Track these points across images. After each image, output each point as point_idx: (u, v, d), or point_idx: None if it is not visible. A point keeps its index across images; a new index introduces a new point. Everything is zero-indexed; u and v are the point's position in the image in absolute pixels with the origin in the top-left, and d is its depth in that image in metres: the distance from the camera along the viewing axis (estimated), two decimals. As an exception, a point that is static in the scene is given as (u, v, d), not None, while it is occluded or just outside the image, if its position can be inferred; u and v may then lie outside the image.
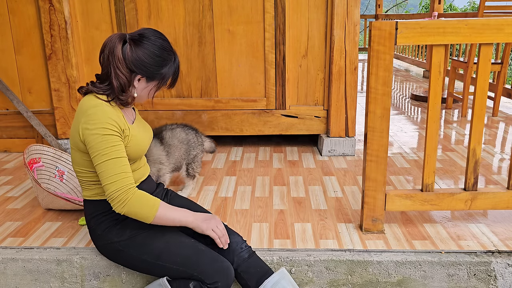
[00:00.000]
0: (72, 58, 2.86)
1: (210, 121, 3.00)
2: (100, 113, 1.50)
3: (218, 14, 2.82)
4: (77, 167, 1.61)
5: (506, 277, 1.75)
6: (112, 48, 1.51)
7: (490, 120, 3.77)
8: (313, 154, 3.00)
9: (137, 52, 1.53)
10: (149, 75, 1.57)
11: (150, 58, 1.54)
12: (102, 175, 1.48)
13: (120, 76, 1.52)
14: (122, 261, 1.65)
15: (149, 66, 1.55)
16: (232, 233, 1.69)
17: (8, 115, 3.04)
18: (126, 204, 1.48)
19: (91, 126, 1.48)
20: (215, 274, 1.52)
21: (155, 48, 1.55)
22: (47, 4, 2.76)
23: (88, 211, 1.65)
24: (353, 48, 2.77)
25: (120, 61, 1.51)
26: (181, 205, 1.80)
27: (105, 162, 1.47)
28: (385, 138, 1.79)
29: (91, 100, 1.55)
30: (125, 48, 1.53)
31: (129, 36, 1.55)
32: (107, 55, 1.52)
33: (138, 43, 1.54)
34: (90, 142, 1.48)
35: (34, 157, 2.25)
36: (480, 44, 1.75)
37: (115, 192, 1.47)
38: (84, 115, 1.51)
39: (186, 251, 1.56)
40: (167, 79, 1.63)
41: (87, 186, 1.63)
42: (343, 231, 1.95)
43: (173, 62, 1.62)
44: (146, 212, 1.50)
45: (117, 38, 1.53)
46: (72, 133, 1.56)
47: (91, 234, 1.67)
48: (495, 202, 1.88)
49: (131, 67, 1.53)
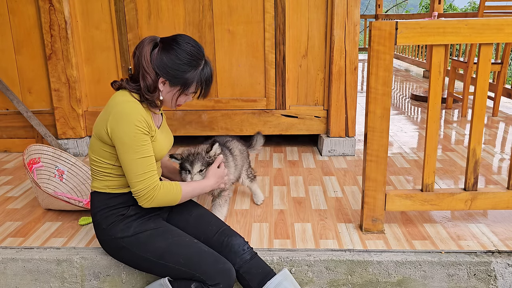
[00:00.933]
0: (72, 58, 2.86)
1: (210, 121, 3.00)
2: (133, 109, 1.54)
3: (218, 14, 2.82)
4: (94, 155, 1.63)
5: (506, 277, 1.75)
6: (141, 49, 1.57)
7: (490, 120, 3.77)
8: (313, 154, 3.00)
9: (163, 55, 1.57)
10: (171, 79, 1.59)
11: (172, 62, 1.57)
12: (131, 172, 1.54)
13: (146, 77, 1.56)
14: (124, 258, 1.66)
15: (170, 70, 1.57)
16: (234, 235, 1.69)
17: (8, 115, 3.04)
18: (153, 200, 1.57)
19: (123, 121, 1.52)
20: (217, 276, 1.52)
21: (180, 52, 1.57)
22: (47, 4, 2.76)
23: (95, 204, 1.66)
24: (353, 48, 2.77)
25: (146, 62, 1.56)
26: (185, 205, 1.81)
27: (136, 160, 1.53)
28: (385, 138, 1.79)
29: (124, 95, 1.59)
30: (154, 51, 1.58)
31: (161, 40, 1.61)
32: (137, 56, 1.58)
33: (166, 47, 1.58)
34: (121, 137, 1.52)
35: (33, 157, 2.25)
36: (480, 44, 1.75)
37: (143, 190, 1.55)
38: (116, 108, 1.54)
39: (188, 251, 1.57)
40: (191, 86, 1.62)
41: (99, 176, 1.64)
42: (343, 231, 1.95)
43: (200, 69, 1.62)
44: (172, 201, 1.62)
45: (148, 40, 1.58)
46: (99, 123, 1.59)
47: (96, 227, 1.67)
48: (495, 202, 1.88)
49: (155, 69, 1.57)
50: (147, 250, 1.58)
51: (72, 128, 2.99)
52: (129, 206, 1.65)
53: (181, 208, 1.81)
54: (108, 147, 1.58)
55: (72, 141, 2.99)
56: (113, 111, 1.54)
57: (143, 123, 1.54)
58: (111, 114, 1.54)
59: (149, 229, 1.62)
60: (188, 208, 1.82)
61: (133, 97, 1.59)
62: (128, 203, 1.65)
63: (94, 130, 1.62)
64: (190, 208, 1.82)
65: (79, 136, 3.00)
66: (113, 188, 1.64)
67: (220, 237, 1.68)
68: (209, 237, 1.69)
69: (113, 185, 1.64)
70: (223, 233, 1.69)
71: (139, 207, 1.65)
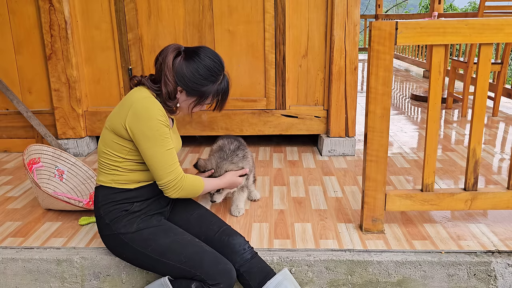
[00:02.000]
0: (72, 58, 2.86)
1: (210, 121, 3.00)
2: (153, 104, 1.59)
3: (218, 14, 2.82)
4: (105, 148, 1.65)
5: (506, 277, 1.75)
6: (165, 57, 1.62)
7: (490, 120, 3.77)
8: (313, 154, 3.00)
9: (183, 65, 1.63)
10: (188, 89, 1.66)
11: (192, 74, 1.63)
12: (159, 165, 1.59)
13: (168, 83, 1.62)
14: (125, 255, 1.66)
15: (188, 82, 1.64)
16: (235, 234, 1.70)
17: (8, 115, 3.04)
18: (181, 190, 1.64)
19: (145, 117, 1.55)
20: (217, 275, 1.52)
21: (200, 66, 1.63)
22: (47, 4, 2.77)
23: (99, 198, 1.67)
24: (353, 48, 2.77)
25: (169, 69, 1.62)
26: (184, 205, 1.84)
27: (163, 152, 1.58)
28: (385, 138, 1.79)
29: (143, 92, 1.64)
30: (176, 59, 1.63)
31: (184, 49, 1.67)
32: (160, 61, 1.63)
33: (188, 58, 1.64)
34: (144, 132, 1.55)
35: (33, 157, 2.25)
36: (480, 44, 1.75)
37: (172, 180, 1.61)
38: (136, 105, 1.57)
39: (190, 250, 1.57)
40: (207, 98, 1.70)
41: (107, 170, 1.66)
42: (343, 231, 1.95)
43: (218, 84, 1.69)
44: (196, 191, 1.70)
45: (172, 48, 1.64)
46: (115, 117, 1.62)
47: (99, 223, 1.68)
48: (495, 202, 1.88)
49: (175, 78, 1.64)
50: (149, 247, 1.59)
51: (72, 128, 2.99)
52: (133, 202, 1.67)
53: (183, 207, 1.83)
54: (121, 140, 1.61)
55: (72, 141, 2.99)
56: (133, 107, 1.57)
57: (164, 117, 1.60)
58: (130, 110, 1.57)
59: (152, 226, 1.64)
60: (190, 208, 1.83)
61: (151, 94, 1.64)
62: (133, 199, 1.67)
63: (108, 123, 1.64)
64: (191, 208, 1.83)
65: (79, 136, 3.00)
66: (119, 183, 1.65)
67: (221, 236, 1.68)
68: (210, 236, 1.69)
69: (120, 179, 1.65)
70: (224, 232, 1.70)
71: (143, 204, 1.68)
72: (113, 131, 1.61)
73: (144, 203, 1.69)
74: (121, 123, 1.58)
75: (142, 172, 1.67)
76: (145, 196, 1.69)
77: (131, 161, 1.64)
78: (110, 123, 1.63)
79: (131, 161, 1.64)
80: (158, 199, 1.74)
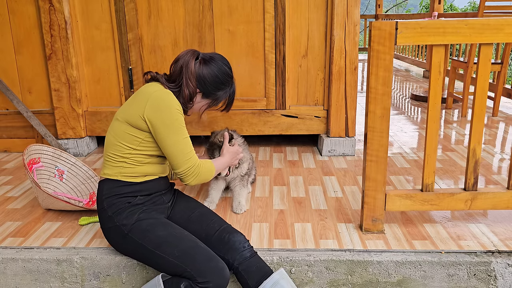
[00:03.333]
0: (72, 58, 2.86)
1: (210, 121, 3.00)
2: (171, 96, 1.69)
3: (218, 14, 2.82)
4: (115, 139, 1.69)
5: (506, 277, 1.75)
6: (187, 62, 1.74)
7: (490, 120, 3.77)
8: (313, 154, 3.00)
9: (203, 70, 1.76)
10: (205, 92, 1.80)
11: (211, 78, 1.78)
12: (178, 153, 1.66)
13: (190, 85, 1.74)
14: (124, 246, 1.68)
15: (208, 85, 1.78)
16: (236, 232, 1.71)
17: (8, 115, 3.04)
18: (199, 176, 1.72)
19: (164, 106, 1.64)
20: (208, 273, 1.51)
21: (219, 71, 1.79)
22: (47, 4, 2.77)
23: (103, 191, 1.70)
24: (353, 48, 2.77)
25: (192, 73, 1.74)
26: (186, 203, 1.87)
27: (182, 140, 1.67)
28: (385, 138, 1.79)
29: (157, 85, 1.73)
30: (196, 63, 1.76)
31: (202, 55, 1.79)
32: (180, 65, 1.75)
33: (207, 63, 1.78)
34: (163, 121, 1.63)
35: (33, 157, 2.25)
36: (480, 44, 1.75)
37: (191, 168, 1.69)
38: (154, 95, 1.65)
39: (185, 245, 1.58)
40: (219, 102, 1.87)
41: (114, 162, 1.69)
42: (343, 231, 1.95)
43: (230, 88, 1.87)
44: (210, 176, 1.79)
45: (191, 54, 1.76)
46: (128, 109, 1.69)
47: (101, 216, 1.70)
48: (495, 202, 1.88)
49: (196, 81, 1.75)
50: (146, 237, 1.61)
51: (72, 128, 2.99)
52: (136, 195, 1.70)
53: (184, 206, 1.85)
54: (135, 131, 1.67)
55: (72, 141, 2.99)
56: (152, 99, 1.65)
57: (180, 107, 1.69)
58: (148, 101, 1.64)
59: (152, 218, 1.67)
60: (191, 206, 1.85)
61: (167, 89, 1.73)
62: (137, 193, 1.70)
63: (119, 115, 1.70)
64: (192, 207, 1.85)
65: (79, 136, 3.00)
66: (125, 176, 1.69)
67: (222, 234, 1.70)
68: (210, 234, 1.71)
69: (126, 172, 1.69)
70: (224, 230, 1.71)
71: (146, 197, 1.72)
72: (127, 122, 1.67)
73: (148, 197, 1.72)
74: (138, 115, 1.65)
75: (149, 165, 1.72)
76: (149, 190, 1.73)
77: (140, 153, 1.69)
78: (123, 115, 1.69)
79: (140, 153, 1.69)
80: (161, 195, 1.78)
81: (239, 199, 2.16)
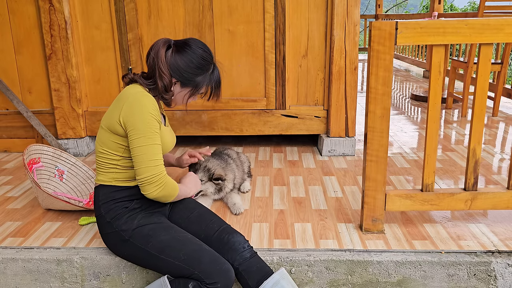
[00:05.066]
0: (72, 58, 2.86)
1: (210, 121, 3.00)
2: (147, 97, 1.62)
3: (218, 14, 2.82)
4: (102, 147, 1.67)
5: (506, 277, 1.75)
6: (157, 51, 1.66)
7: (490, 120, 3.77)
8: (313, 154, 3.00)
9: (176, 57, 1.67)
10: (183, 80, 1.70)
11: (185, 64, 1.68)
12: (142, 158, 1.58)
13: (163, 76, 1.66)
14: (125, 253, 1.66)
15: (183, 72, 1.68)
16: (235, 233, 1.70)
17: (8, 115, 3.04)
18: (163, 187, 1.60)
19: (137, 109, 1.58)
20: (215, 275, 1.52)
21: (193, 56, 1.68)
22: (47, 4, 2.77)
23: (99, 197, 1.69)
24: (353, 48, 2.77)
25: (163, 63, 1.66)
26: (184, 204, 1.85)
27: (149, 146, 1.58)
28: (385, 138, 1.79)
29: (136, 87, 1.67)
30: (168, 52, 1.68)
31: (174, 42, 1.71)
32: (152, 57, 1.67)
33: (179, 49, 1.68)
34: (135, 124, 1.57)
35: (33, 157, 2.25)
36: (480, 44, 1.75)
37: (154, 176, 1.58)
38: (130, 98, 1.61)
39: (190, 248, 1.57)
40: (201, 88, 1.76)
41: (105, 169, 1.68)
42: (343, 231, 1.95)
43: (210, 73, 1.75)
44: (172, 195, 1.66)
45: (162, 42, 1.68)
46: (110, 114, 1.65)
47: (99, 221, 1.69)
48: (495, 202, 1.88)
49: (170, 70, 1.68)
50: (148, 243, 1.59)
51: (72, 128, 2.99)
52: (132, 200, 1.69)
53: (183, 206, 1.84)
54: (117, 138, 1.63)
55: (72, 141, 2.99)
56: (128, 101, 1.61)
57: (156, 111, 1.62)
58: (125, 103, 1.61)
59: (153, 223, 1.65)
60: (190, 207, 1.84)
61: (145, 90, 1.67)
62: (132, 197, 1.69)
63: (103, 122, 1.67)
64: (191, 207, 1.84)
65: (79, 136, 3.00)
66: (119, 181, 1.67)
67: (221, 235, 1.68)
68: (209, 235, 1.69)
69: (119, 177, 1.67)
70: (224, 231, 1.70)
71: (142, 201, 1.70)
72: (109, 129, 1.64)
73: (144, 200, 1.70)
74: (115, 119, 1.61)
75: None
76: None
77: (128, 159, 1.67)
78: (105, 122, 1.66)
79: (128, 159, 1.67)
80: None
81: (234, 201, 2.16)
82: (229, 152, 2.40)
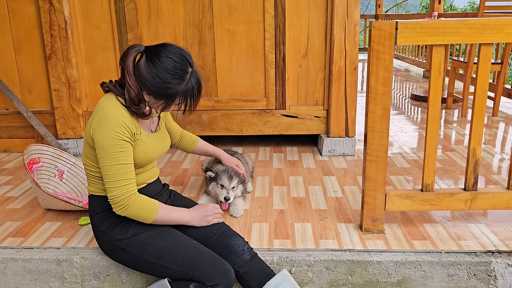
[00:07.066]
0: (72, 58, 2.86)
1: (210, 121, 3.00)
2: (115, 114, 1.51)
3: (218, 14, 2.82)
4: (86, 160, 1.64)
5: (506, 277, 1.75)
6: (125, 61, 1.52)
7: (490, 120, 3.77)
8: (313, 154, 3.00)
9: (143, 69, 1.51)
10: (154, 94, 1.54)
11: (152, 78, 1.50)
12: (107, 178, 1.52)
13: (130, 90, 1.52)
14: (123, 260, 1.65)
15: (151, 86, 1.51)
16: (234, 235, 1.69)
17: (8, 115, 3.04)
18: (126, 209, 1.54)
19: (103, 125, 1.50)
20: (215, 277, 1.52)
21: (159, 69, 1.49)
22: (47, 4, 2.76)
23: (92, 207, 1.67)
24: (353, 48, 2.77)
25: (129, 74, 1.52)
26: (183, 205, 1.83)
27: (112, 166, 1.51)
28: (385, 138, 1.79)
29: (109, 99, 1.57)
30: (138, 62, 1.52)
31: (145, 49, 1.54)
32: (122, 66, 1.54)
33: (148, 60, 1.51)
34: (99, 141, 1.51)
35: (33, 157, 2.25)
36: (480, 44, 1.75)
37: (117, 196, 1.53)
38: (100, 112, 1.53)
39: (188, 252, 1.57)
40: (175, 99, 1.56)
41: (94, 180, 1.65)
42: (343, 231, 1.95)
43: (185, 83, 1.54)
44: (145, 215, 1.58)
45: (132, 51, 1.52)
46: (87, 127, 1.58)
47: (95, 231, 1.68)
48: (495, 202, 1.88)
49: (138, 83, 1.53)
50: (146, 251, 1.58)
51: (72, 128, 2.99)
52: None
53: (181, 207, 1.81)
54: (94, 151, 1.58)
55: (72, 141, 2.99)
56: (97, 115, 1.53)
57: (124, 128, 1.51)
58: (95, 118, 1.54)
59: (148, 230, 1.62)
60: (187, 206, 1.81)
61: (119, 101, 1.57)
62: None
63: (84, 135, 1.61)
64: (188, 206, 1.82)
65: (79, 136, 3.00)
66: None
67: (220, 238, 1.67)
68: (208, 238, 1.68)
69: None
70: (222, 233, 1.69)
71: None
72: (87, 141, 1.60)
73: None
74: (88, 133, 1.56)
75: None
76: None
77: None
78: (85, 135, 1.61)
79: None
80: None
81: (235, 202, 2.14)
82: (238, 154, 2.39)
